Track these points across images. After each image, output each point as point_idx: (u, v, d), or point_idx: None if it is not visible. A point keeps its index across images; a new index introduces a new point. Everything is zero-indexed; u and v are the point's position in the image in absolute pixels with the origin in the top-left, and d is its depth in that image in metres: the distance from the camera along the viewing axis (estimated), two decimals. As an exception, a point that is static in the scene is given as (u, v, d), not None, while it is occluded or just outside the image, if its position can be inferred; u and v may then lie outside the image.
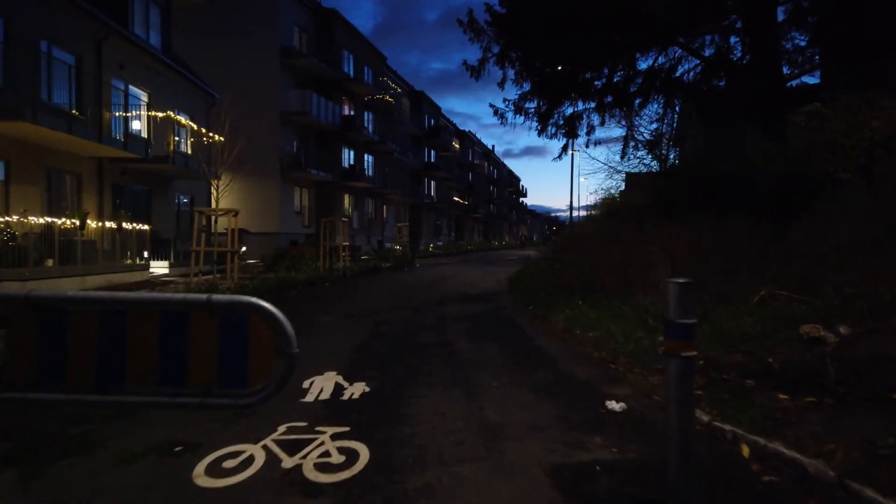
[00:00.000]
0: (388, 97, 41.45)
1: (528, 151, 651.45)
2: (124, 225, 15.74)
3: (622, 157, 22.48)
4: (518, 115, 18.96)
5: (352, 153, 38.36)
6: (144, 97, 20.66)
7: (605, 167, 24.67)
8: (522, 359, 6.55)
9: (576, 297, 10.45)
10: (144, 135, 20.30)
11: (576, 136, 20.12)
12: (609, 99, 18.90)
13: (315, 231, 31.16)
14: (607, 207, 23.13)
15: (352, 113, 37.86)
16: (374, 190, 41.21)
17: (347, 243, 20.26)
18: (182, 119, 19.81)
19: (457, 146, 63.53)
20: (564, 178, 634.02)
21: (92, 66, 17.56)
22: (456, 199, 64.00)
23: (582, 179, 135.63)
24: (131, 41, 19.39)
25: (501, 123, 19.28)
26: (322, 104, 32.67)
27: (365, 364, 6.31)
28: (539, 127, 19.34)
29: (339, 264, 18.81)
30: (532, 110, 18.87)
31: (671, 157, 23.57)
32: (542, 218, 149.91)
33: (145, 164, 18.61)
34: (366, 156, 40.51)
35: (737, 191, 10.34)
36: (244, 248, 26.54)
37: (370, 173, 40.68)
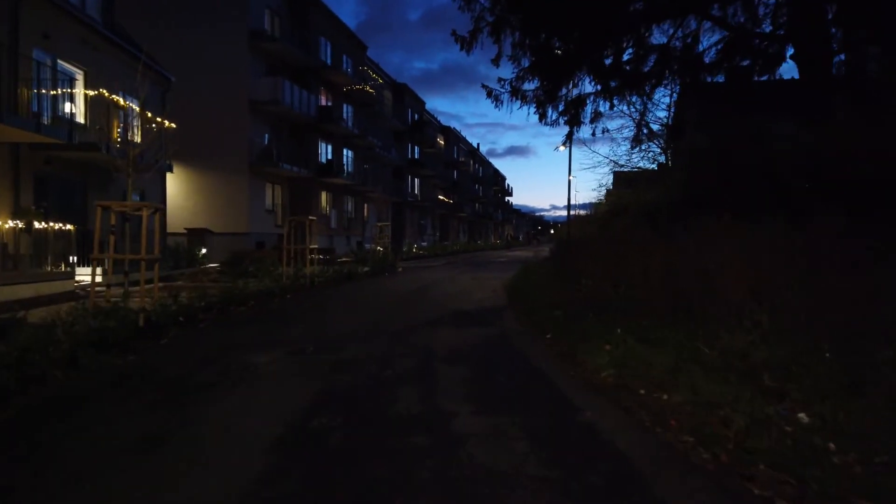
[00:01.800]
0: (368, 88, 38.45)
1: (512, 151, 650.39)
2: (36, 224, 12.75)
3: (633, 147, 19.99)
4: (515, 99, 16.36)
5: (329, 147, 35.41)
6: (79, 75, 17.61)
7: (608, 161, 22.09)
8: (579, 468, 3.53)
9: (610, 321, 7.73)
10: (81, 119, 17.27)
11: (579, 123, 17.54)
12: (614, 84, 16.38)
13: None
14: (611, 206, 20.77)
15: (329, 104, 34.92)
16: (354, 187, 38.27)
17: (315, 245, 17.35)
18: (122, 101, 16.76)
19: (441, 143, 60.65)
20: (549, 178, 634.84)
21: (5, 35, 14.54)
22: (441, 197, 61.17)
23: (571, 177, 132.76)
24: (60, 7, 16.33)
25: (496, 107, 16.61)
26: (296, 93, 29.75)
27: (288, 488, 3.37)
28: (539, 112, 16.79)
29: (307, 270, 15.92)
30: (531, 93, 16.27)
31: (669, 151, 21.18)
32: (527, 217, 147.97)
33: (71, 150, 15.57)
34: (345, 150, 37.55)
35: (826, 184, 7.71)
36: (204, 251, 23.55)
37: (349, 169, 37.72)
